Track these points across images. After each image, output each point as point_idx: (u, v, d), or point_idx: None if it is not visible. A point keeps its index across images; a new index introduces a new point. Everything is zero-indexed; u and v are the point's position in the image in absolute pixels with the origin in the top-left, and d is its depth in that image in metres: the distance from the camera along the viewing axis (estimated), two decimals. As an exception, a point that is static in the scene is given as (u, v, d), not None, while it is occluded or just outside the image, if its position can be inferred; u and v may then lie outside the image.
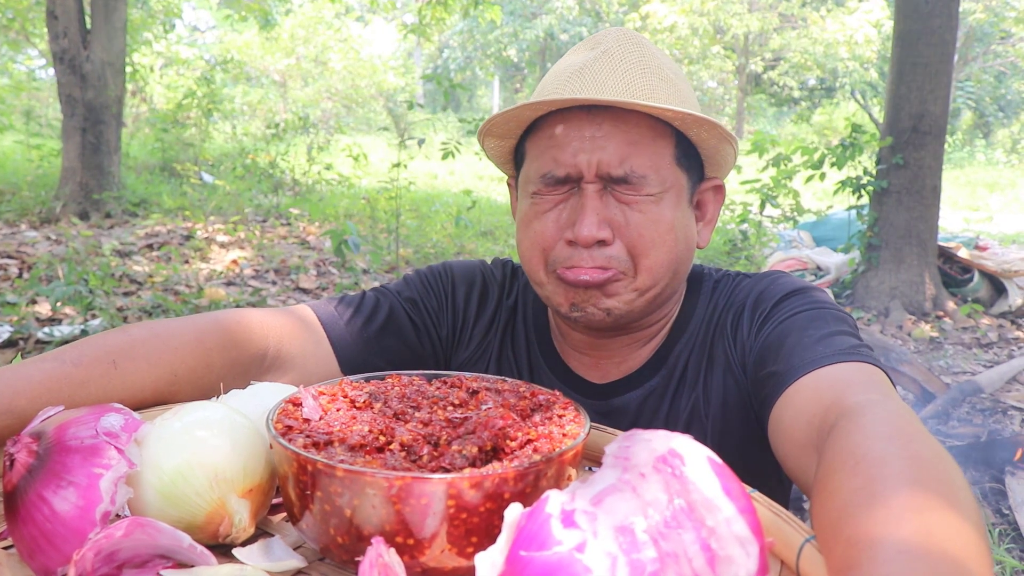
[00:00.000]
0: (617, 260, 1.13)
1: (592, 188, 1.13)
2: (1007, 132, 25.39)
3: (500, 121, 1.18)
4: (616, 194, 1.13)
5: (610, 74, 1.13)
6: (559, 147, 1.14)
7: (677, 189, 1.17)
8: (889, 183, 6.76)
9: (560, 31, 26.02)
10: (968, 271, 7.14)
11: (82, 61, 8.15)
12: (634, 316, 1.18)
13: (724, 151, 1.20)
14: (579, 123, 1.13)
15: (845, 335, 1.06)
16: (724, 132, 1.14)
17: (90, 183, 8.37)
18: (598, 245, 1.12)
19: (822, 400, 0.91)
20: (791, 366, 1.02)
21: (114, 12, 8.44)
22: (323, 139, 11.68)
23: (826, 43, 22.04)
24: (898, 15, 6.82)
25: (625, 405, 1.25)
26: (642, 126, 1.12)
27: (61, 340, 4.35)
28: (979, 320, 6.63)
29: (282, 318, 1.19)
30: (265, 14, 13.04)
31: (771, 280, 1.22)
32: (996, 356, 5.83)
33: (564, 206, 1.16)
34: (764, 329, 1.15)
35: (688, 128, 1.15)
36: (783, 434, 0.97)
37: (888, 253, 6.83)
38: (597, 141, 1.12)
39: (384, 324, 1.29)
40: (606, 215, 1.13)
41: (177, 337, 1.04)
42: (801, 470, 0.91)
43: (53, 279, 5.47)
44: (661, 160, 1.14)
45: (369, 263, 6.82)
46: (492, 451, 0.74)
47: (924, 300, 6.73)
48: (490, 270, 1.42)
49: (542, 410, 0.83)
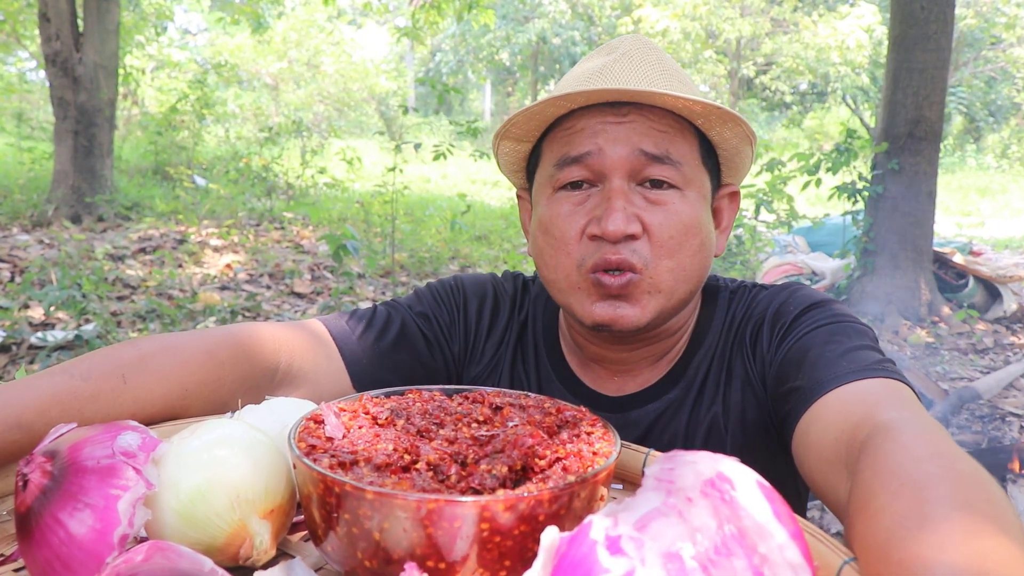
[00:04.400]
0: (640, 256, 1.09)
1: (619, 181, 1.10)
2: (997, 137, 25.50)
3: (522, 120, 1.15)
4: (643, 191, 1.11)
5: (632, 73, 1.12)
6: (579, 132, 1.12)
7: (702, 190, 1.15)
8: (885, 188, 6.76)
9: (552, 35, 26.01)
10: (963, 276, 7.15)
11: (74, 64, 8.11)
12: (659, 323, 1.15)
13: (744, 153, 1.18)
14: (602, 115, 1.11)
15: (868, 349, 1.05)
16: (748, 130, 1.12)
17: (82, 186, 8.33)
18: (625, 240, 1.09)
19: (850, 416, 0.89)
20: (815, 381, 1.00)
21: (107, 14, 8.40)
22: (317, 143, 11.65)
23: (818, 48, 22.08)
24: (893, 20, 6.82)
25: (642, 418, 1.23)
26: (668, 119, 1.11)
27: (54, 345, 4.31)
28: (974, 326, 6.64)
29: (294, 332, 1.17)
30: (257, 17, 13.00)
31: (790, 292, 1.20)
32: (992, 362, 5.83)
33: (585, 205, 1.13)
34: (785, 343, 1.13)
35: (711, 126, 1.13)
36: (809, 450, 0.94)
37: (884, 259, 6.84)
38: (624, 127, 1.09)
39: (397, 339, 1.26)
40: (634, 210, 1.10)
41: (188, 351, 1.02)
42: (830, 487, 0.89)
43: (46, 283, 5.43)
44: (690, 154, 1.13)
45: (364, 267, 6.79)
46: (521, 470, 0.72)
47: (920, 306, 6.73)
48: (501, 284, 1.40)
49: (569, 427, 0.81)
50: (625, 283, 1.09)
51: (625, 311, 1.11)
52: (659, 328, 1.19)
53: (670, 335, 1.23)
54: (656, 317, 1.13)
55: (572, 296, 1.15)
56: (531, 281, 1.40)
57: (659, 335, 1.22)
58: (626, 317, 1.11)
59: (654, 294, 1.11)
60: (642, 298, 1.11)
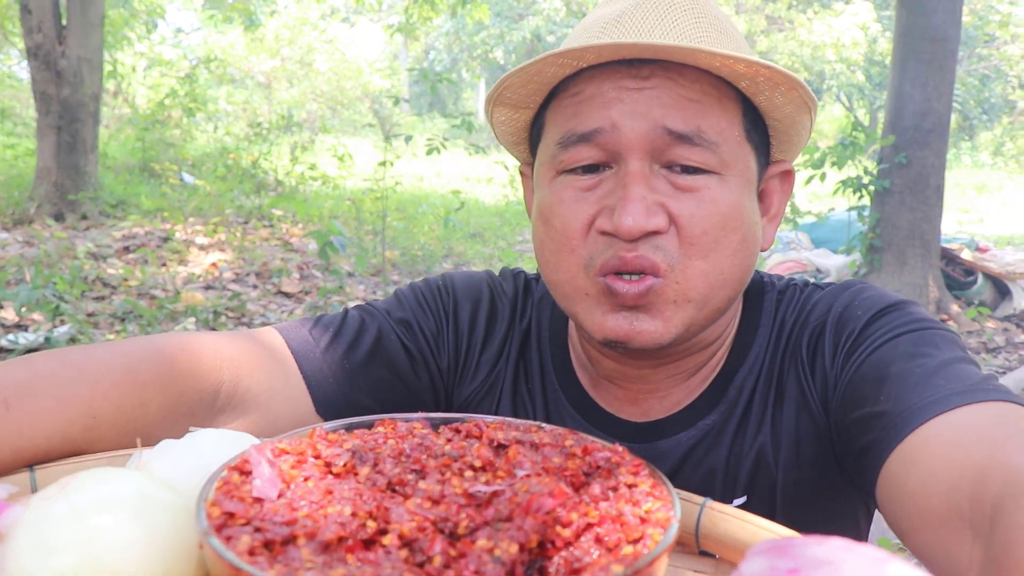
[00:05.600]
0: (665, 255, 0.85)
1: (637, 162, 0.85)
2: (991, 135, 25.46)
3: (517, 82, 0.90)
4: (669, 176, 0.86)
5: (658, 21, 0.86)
6: (588, 101, 0.87)
7: (746, 172, 0.90)
8: (891, 183, 6.55)
9: (547, 32, 25.80)
10: (971, 273, 6.95)
11: (57, 57, 7.86)
12: (688, 337, 0.92)
13: (802, 123, 0.93)
14: (617, 77, 0.86)
15: (966, 363, 0.81)
16: (807, 93, 0.87)
17: (65, 183, 8.08)
18: (647, 236, 0.85)
19: (969, 459, 0.66)
20: (906, 407, 0.77)
21: (91, 7, 8.15)
22: (307, 139, 11.42)
23: (813, 45, 21.94)
24: (900, 9, 6.62)
25: (673, 449, 0.98)
26: (703, 83, 0.86)
27: (25, 348, 4.09)
28: (984, 324, 6.44)
29: (241, 344, 0.92)
30: (249, 14, 12.78)
31: (855, 292, 0.96)
32: (1007, 360, 5.62)
33: (596, 191, 0.88)
34: (855, 356, 0.89)
35: (759, 91, 0.88)
36: (911, 502, 0.71)
37: (890, 255, 6.63)
38: (644, 93, 0.85)
39: (371, 351, 1.01)
40: (657, 199, 0.85)
41: (98, 368, 0.78)
42: (943, 549, 0.66)
43: (21, 282, 5.19)
44: (729, 129, 0.87)
45: (354, 266, 6.55)
46: (538, 546, 0.49)
47: (928, 303, 6.52)
48: (499, 284, 1.13)
49: (602, 476, 0.58)
50: (645, 290, 0.85)
51: (644, 325, 0.87)
52: (689, 342, 0.96)
53: (705, 347, 0.99)
54: (684, 332, 0.89)
55: (579, 304, 0.91)
56: (534, 280, 1.15)
57: (690, 348, 0.97)
58: (645, 333, 0.87)
59: (682, 304, 0.87)
60: (666, 309, 0.87)
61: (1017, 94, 23.56)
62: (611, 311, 0.88)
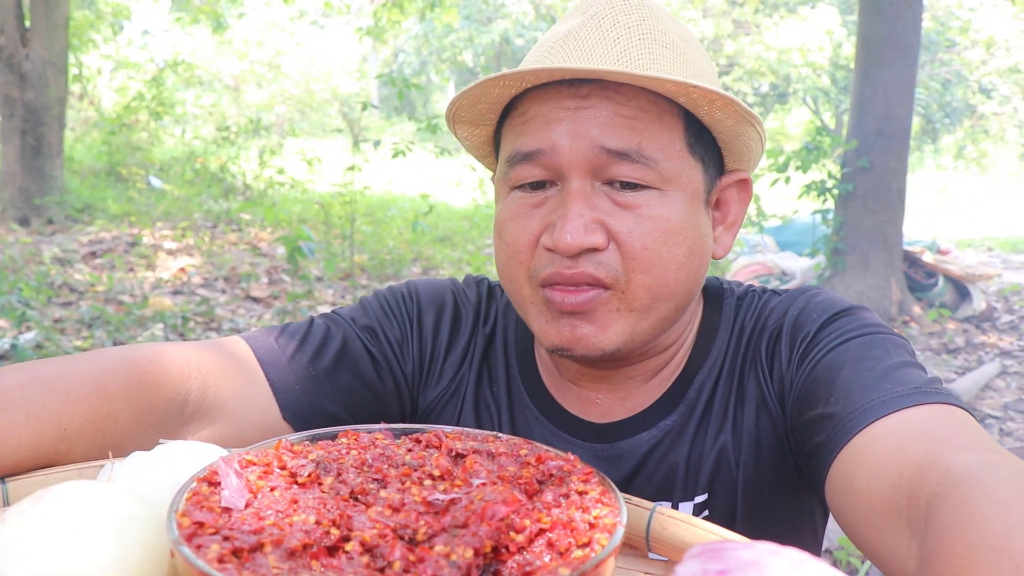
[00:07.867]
0: (608, 268, 0.90)
1: (578, 181, 0.90)
2: (953, 139, 25.84)
3: (467, 103, 0.95)
4: (610, 192, 0.91)
5: (599, 41, 0.90)
6: (531, 121, 0.92)
7: (690, 185, 0.94)
8: (855, 186, 6.66)
9: (515, 36, 25.85)
10: (932, 275, 7.08)
11: (21, 59, 7.77)
12: (634, 346, 0.96)
13: (746, 135, 0.97)
14: (558, 96, 0.91)
15: (912, 367, 0.86)
16: (742, 110, 0.90)
17: (31, 187, 7.99)
18: (588, 253, 0.90)
19: (909, 457, 0.71)
20: (853, 408, 0.81)
21: (55, 9, 8.07)
22: (276, 142, 11.36)
23: (779, 49, 22.16)
24: (861, 17, 6.75)
25: (634, 449, 1.02)
26: (641, 100, 0.90)
27: (-10, 356, 4.05)
28: (945, 325, 6.56)
29: (208, 354, 0.95)
30: (217, 17, 12.68)
31: (809, 297, 1.01)
32: (966, 361, 5.74)
33: (543, 208, 0.93)
34: (808, 359, 0.93)
35: (697, 106, 0.92)
36: (855, 499, 0.76)
37: (854, 257, 6.75)
38: (583, 113, 0.89)
39: (337, 358, 1.04)
40: (596, 216, 0.90)
41: (68, 380, 0.80)
42: (885, 546, 0.71)
43: (-15, 289, 5.13)
44: (670, 144, 0.91)
45: (323, 270, 6.55)
46: (492, 551, 0.52)
47: (890, 305, 6.64)
48: (462, 290, 1.17)
49: (554, 484, 0.61)
50: (587, 299, 0.90)
51: (584, 331, 0.92)
52: (644, 347, 1.00)
53: (662, 351, 1.03)
54: (628, 340, 0.93)
55: (528, 312, 0.97)
56: (498, 287, 1.18)
57: (647, 352, 1.02)
58: (586, 339, 0.92)
59: (624, 313, 0.92)
60: (607, 317, 0.92)
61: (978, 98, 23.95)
62: (553, 319, 0.93)
